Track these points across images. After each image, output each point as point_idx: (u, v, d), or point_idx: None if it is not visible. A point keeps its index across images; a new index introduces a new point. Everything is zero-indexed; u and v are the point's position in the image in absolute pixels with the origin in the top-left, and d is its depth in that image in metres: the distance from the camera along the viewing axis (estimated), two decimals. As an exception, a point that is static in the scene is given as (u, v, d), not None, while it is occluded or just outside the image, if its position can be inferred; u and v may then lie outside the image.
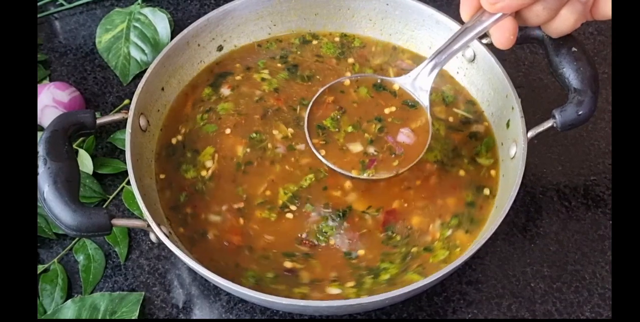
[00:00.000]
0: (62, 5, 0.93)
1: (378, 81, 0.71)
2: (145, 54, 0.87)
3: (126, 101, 0.84)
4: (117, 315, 0.70)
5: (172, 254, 0.74)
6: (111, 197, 0.78)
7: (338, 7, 0.81)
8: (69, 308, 0.70)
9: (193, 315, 0.72)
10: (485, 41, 0.74)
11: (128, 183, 0.78)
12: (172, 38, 0.76)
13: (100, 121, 0.69)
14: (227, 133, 0.75)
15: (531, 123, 0.69)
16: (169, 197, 0.72)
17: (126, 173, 0.69)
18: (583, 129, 0.82)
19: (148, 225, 0.64)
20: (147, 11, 0.89)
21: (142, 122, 0.72)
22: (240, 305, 0.72)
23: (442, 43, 0.66)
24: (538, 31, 0.70)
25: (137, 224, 0.64)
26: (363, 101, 0.71)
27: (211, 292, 0.73)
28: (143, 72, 0.79)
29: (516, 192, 0.65)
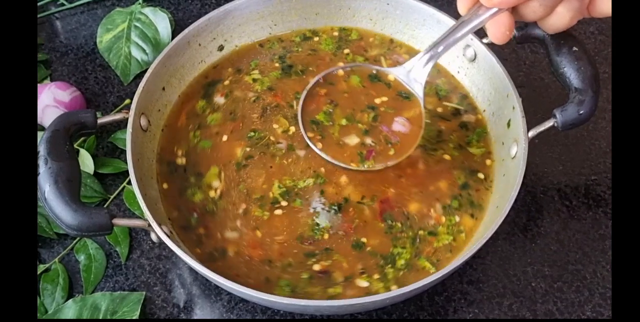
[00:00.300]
0: (63, 5, 0.93)
1: (373, 72, 0.71)
2: (146, 54, 0.87)
3: (127, 101, 0.84)
4: (118, 315, 0.70)
5: (173, 254, 0.74)
6: (112, 197, 0.78)
7: (339, 6, 0.81)
8: (70, 308, 0.71)
9: (194, 315, 0.72)
10: (486, 41, 0.74)
11: (129, 183, 0.78)
12: (173, 38, 0.77)
13: (101, 121, 0.69)
14: (225, 140, 0.74)
15: (532, 123, 0.69)
16: (177, 217, 0.71)
17: (127, 173, 0.69)
18: (584, 129, 0.82)
19: (149, 225, 0.64)
20: (148, 11, 0.89)
21: (143, 121, 0.72)
22: (241, 305, 0.72)
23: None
24: (539, 31, 0.70)
25: (138, 224, 0.64)
26: (354, 91, 0.71)
27: (212, 291, 0.73)
28: (144, 72, 0.79)
29: (517, 191, 0.65)
